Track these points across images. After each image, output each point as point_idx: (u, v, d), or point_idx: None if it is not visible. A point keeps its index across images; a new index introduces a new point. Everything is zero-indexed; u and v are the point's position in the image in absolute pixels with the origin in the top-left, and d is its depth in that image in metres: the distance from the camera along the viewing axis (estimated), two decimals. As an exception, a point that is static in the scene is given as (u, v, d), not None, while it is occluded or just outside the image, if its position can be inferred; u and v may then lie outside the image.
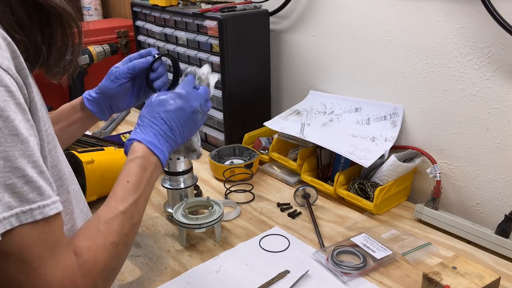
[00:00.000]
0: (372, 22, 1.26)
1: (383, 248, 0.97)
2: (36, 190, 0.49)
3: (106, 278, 0.56)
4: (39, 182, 0.49)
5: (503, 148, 1.07)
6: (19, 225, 0.47)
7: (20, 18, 0.55)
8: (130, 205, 0.63)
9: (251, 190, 1.24)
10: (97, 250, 0.56)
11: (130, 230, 0.62)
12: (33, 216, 0.48)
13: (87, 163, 1.12)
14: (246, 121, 1.49)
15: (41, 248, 0.49)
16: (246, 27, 1.39)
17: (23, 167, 0.48)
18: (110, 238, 0.58)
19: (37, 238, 0.48)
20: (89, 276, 0.53)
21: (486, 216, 1.14)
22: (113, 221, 0.60)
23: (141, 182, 0.67)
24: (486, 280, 0.81)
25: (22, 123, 0.48)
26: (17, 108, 0.48)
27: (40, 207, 0.49)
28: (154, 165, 0.71)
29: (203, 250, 1.02)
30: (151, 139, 0.72)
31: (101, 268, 0.55)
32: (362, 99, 1.34)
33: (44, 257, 0.49)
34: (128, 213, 0.62)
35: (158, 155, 0.71)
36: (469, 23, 1.05)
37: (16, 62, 0.50)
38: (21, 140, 0.48)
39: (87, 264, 0.54)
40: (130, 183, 0.65)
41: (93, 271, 0.54)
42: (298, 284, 0.89)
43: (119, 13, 2.49)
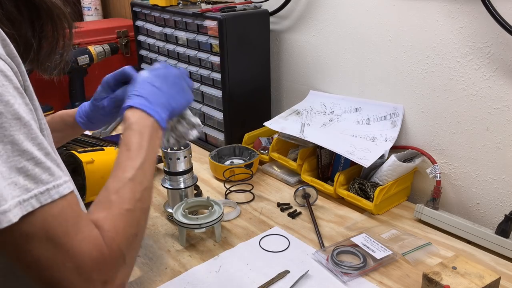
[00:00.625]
0: (372, 22, 1.26)
1: (383, 248, 0.97)
2: (47, 171, 0.49)
3: (130, 244, 0.57)
4: (47, 163, 0.49)
5: (503, 148, 1.07)
6: (40, 206, 0.47)
7: (9, 11, 0.55)
8: (136, 171, 0.62)
9: (251, 190, 1.24)
10: (114, 219, 0.56)
11: (142, 195, 0.61)
12: (51, 196, 0.49)
13: (87, 163, 1.12)
14: (246, 121, 1.49)
15: (64, 224, 0.49)
16: (246, 27, 1.39)
17: (30, 150, 0.48)
18: (124, 205, 0.58)
19: (59, 216, 0.49)
20: (113, 245, 0.54)
21: (486, 216, 1.14)
22: (122, 189, 0.59)
23: (142, 147, 0.65)
24: (486, 280, 0.81)
25: (22, 107, 0.49)
26: (15, 92, 0.49)
27: (55, 187, 0.49)
28: (150, 127, 0.68)
29: (203, 250, 1.02)
30: (141, 101, 0.70)
31: (123, 235, 0.56)
32: (362, 99, 1.34)
33: (69, 232, 0.49)
34: (136, 179, 0.61)
35: (153, 114, 0.69)
36: (469, 23, 1.05)
37: (7, 50, 0.51)
38: (23, 123, 0.48)
39: (109, 233, 0.54)
40: (130, 151, 0.64)
41: (116, 239, 0.54)
42: (298, 284, 0.89)
43: (119, 13, 2.49)
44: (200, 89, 1.50)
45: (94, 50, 1.78)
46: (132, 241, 0.57)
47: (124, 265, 0.55)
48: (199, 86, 1.50)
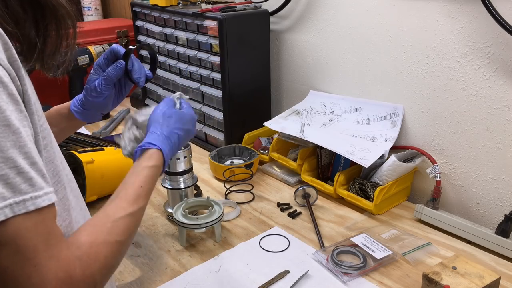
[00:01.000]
0: (372, 22, 1.26)
1: (383, 248, 0.97)
2: (27, 181, 0.49)
3: (104, 273, 0.56)
4: (30, 173, 0.49)
5: (503, 148, 1.07)
6: (12, 216, 0.47)
7: (14, 10, 0.55)
8: (139, 209, 0.64)
9: (251, 190, 1.24)
10: (100, 246, 0.56)
11: (133, 232, 0.63)
12: (26, 207, 0.48)
13: (87, 163, 1.12)
14: (246, 121, 1.49)
15: (35, 239, 0.49)
16: (246, 27, 1.39)
17: (14, 158, 0.48)
18: (115, 236, 0.58)
19: (31, 229, 0.48)
20: (87, 270, 0.53)
21: (486, 216, 1.14)
22: (121, 221, 0.60)
23: (151, 190, 0.69)
24: (486, 280, 0.81)
25: (14, 114, 0.48)
26: (9, 99, 0.48)
27: (32, 198, 0.49)
28: (159, 175, 0.74)
29: (203, 250, 1.02)
30: (168, 152, 0.76)
31: (102, 263, 0.55)
32: (362, 99, 1.34)
33: (38, 248, 0.49)
34: (135, 216, 0.63)
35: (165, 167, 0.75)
36: (469, 23, 1.05)
37: (8, 54, 0.50)
38: (12, 130, 0.48)
39: (88, 259, 0.54)
40: (143, 189, 0.67)
41: (93, 265, 0.54)
42: (298, 284, 0.89)
43: (119, 13, 2.49)
44: (200, 89, 1.50)
45: (94, 50, 1.78)
46: (107, 272, 0.57)
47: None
48: (199, 86, 1.50)
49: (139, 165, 0.71)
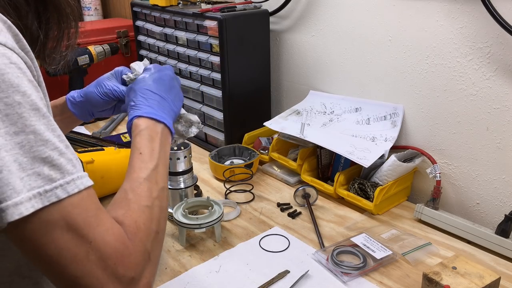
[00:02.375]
0: (372, 22, 1.26)
1: (383, 248, 0.97)
2: (70, 162, 0.48)
3: (152, 240, 0.56)
4: (69, 154, 0.49)
5: (503, 148, 1.07)
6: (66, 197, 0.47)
7: (17, 2, 0.55)
8: (151, 172, 0.63)
9: (251, 190, 1.24)
10: (134, 215, 0.56)
11: (159, 194, 0.62)
12: (77, 186, 0.48)
13: (87, 163, 1.12)
14: (246, 121, 1.49)
15: (86, 215, 0.48)
16: (246, 27, 1.39)
17: (53, 140, 0.47)
18: (142, 202, 0.58)
19: (82, 207, 0.48)
20: (136, 239, 0.53)
21: (486, 216, 1.14)
22: (139, 187, 0.60)
23: (154, 151, 0.67)
24: (486, 280, 0.81)
25: (38, 99, 0.48)
26: (30, 85, 0.48)
27: (80, 177, 0.49)
28: (160, 132, 0.70)
29: (203, 250, 1.02)
30: (148, 110, 0.72)
31: (144, 230, 0.55)
32: (362, 99, 1.34)
33: (91, 223, 0.48)
34: (151, 179, 0.62)
35: (162, 121, 0.71)
36: (469, 23, 1.05)
37: (21, 45, 0.50)
38: (42, 114, 0.47)
39: (131, 228, 0.53)
40: (143, 154, 0.65)
41: (138, 233, 0.54)
42: (298, 284, 0.89)
43: (119, 13, 2.49)
44: (200, 89, 1.50)
45: (94, 50, 1.78)
46: (154, 238, 0.57)
47: (150, 262, 0.54)
48: (199, 86, 1.50)
49: (132, 138, 0.70)
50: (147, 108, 0.72)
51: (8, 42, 0.47)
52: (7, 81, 0.45)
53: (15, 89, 0.45)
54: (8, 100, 0.44)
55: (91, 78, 1.81)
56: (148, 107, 0.72)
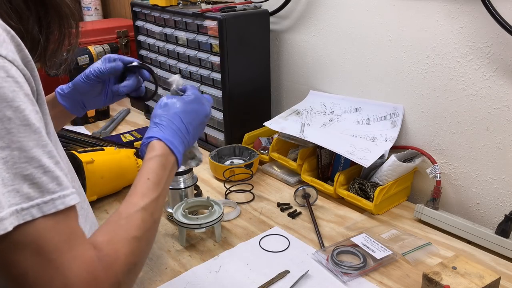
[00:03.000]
0: (372, 22, 1.26)
1: (383, 248, 0.97)
2: (55, 180, 0.48)
3: (128, 272, 0.55)
4: (56, 172, 0.48)
5: (503, 148, 1.07)
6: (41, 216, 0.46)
7: (18, 6, 0.55)
8: (151, 201, 0.62)
9: (251, 190, 1.24)
10: (117, 244, 0.55)
11: (151, 227, 0.62)
12: (55, 206, 0.47)
13: (87, 163, 1.12)
14: (246, 121, 1.49)
15: (58, 239, 0.47)
16: (246, 27, 1.39)
17: (39, 157, 0.47)
18: (131, 232, 0.57)
19: (55, 229, 0.47)
20: (110, 270, 0.52)
21: (486, 216, 1.14)
22: (134, 216, 0.59)
23: (161, 180, 0.67)
24: (486, 280, 0.81)
25: (32, 114, 0.48)
26: (26, 99, 0.48)
27: (61, 197, 0.48)
28: (172, 164, 0.71)
29: (203, 250, 1.02)
30: (170, 138, 0.72)
31: (123, 262, 0.54)
32: (362, 99, 1.34)
33: (61, 249, 0.47)
34: (149, 209, 0.61)
35: (176, 154, 0.72)
36: (469, 23, 1.05)
37: (22, 55, 0.50)
38: (33, 130, 0.47)
39: (108, 258, 0.52)
40: (150, 180, 0.65)
41: (115, 264, 0.53)
42: (298, 284, 0.89)
43: (119, 13, 2.49)
44: (200, 89, 1.50)
45: (94, 50, 1.78)
46: (130, 270, 0.55)
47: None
48: (199, 86, 1.50)
49: (144, 159, 0.70)
50: (169, 135, 0.72)
51: (9, 55, 0.47)
52: (1, 96, 0.45)
53: (7, 104, 0.45)
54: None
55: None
56: (170, 134, 0.72)
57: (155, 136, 0.72)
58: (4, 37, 0.48)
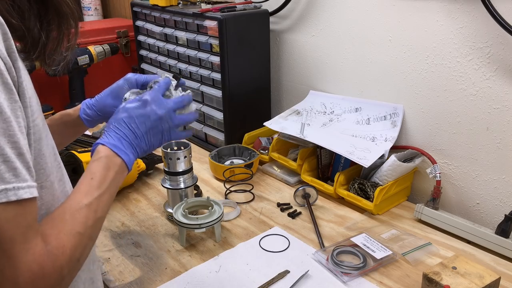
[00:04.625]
0: (372, 22, 1.26)
1: (383, 248, 0.97)
2: (12, 171, 0.49)
3: (71, 267, 0.57)
4: (15, 163, 0.49)
5: (503, 148, 1.07)
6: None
7: (20, 4, 0.56)
8: (94, 199, 0.63)
9: (251, 190, 1.24)
10: (64, 237, 0.56)
11: (94, 224, 0.63)
12: (7, 196, 0.48)
13: (87, 163, 1.12)
14: (246, 121, 1.49)
15: (13, 230, 0.49)
16: (246, 27, 1.39)
17: (2, 146, 0.48)
18: (75, 228, 0.58)
19: (10, 220, 0.48)
20: (56, 263, 0.53)
21: (486, 216, 1.14)
22: (78, 212, 0.60)
23: (105, 180, 0.67)
24: (486, 280, 0.81)
25: (6, 102, 0.49)
26: (2, 87, 0.49)
27: (15, 188, 0.49)
28: (118, 165, 0.71)
29: (203, 250, 1.02)
30: (114, 142, 0.73)
31: (68, 255, 0.55)
32: (362, 99, 1.34)
33: (15, 240, 0.49)
34: (92, 206, 0.62)
35: (122, 156, 0.72)
36: (469, 23, 1.05)
37: (7, 44, 0.51)
38: (3, 118, 0.48)
39: (55, 251, 0.54)
40: (94, 180, 0.66)
41: (61, 257, 0.54)
42: (298, 284, 0.89)
43: (119, 13, 2.49)
44: (200, 89, 1.50)
45: (94, 50, 1.78)
46: (74, 265, 0.57)
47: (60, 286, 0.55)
48: (199, 86, 1.50)
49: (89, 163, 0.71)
50: (113, 140, 0.73)
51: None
52: None
53: None
54: None
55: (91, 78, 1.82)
56: (115, 139, 0.73)
57: (99, 142, 0.73)
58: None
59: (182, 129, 0.85)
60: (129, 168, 0.74)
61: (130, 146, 0.74)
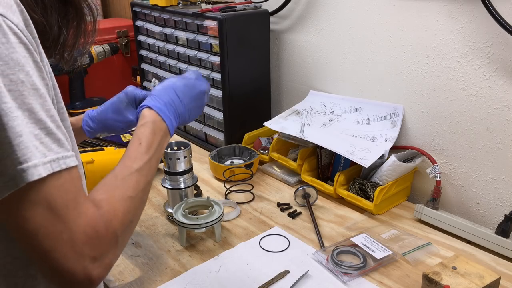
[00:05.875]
0: (372, 22, 1.26)
1: (383, 248, 0.97)
2: (56, 142, 0.51)
3: (125, 229, 0.59)
4: (58, 135, 0.52)
5: (503, 148, 1.07)
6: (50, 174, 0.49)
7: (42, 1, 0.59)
8: (144, 164, 0.66)
9: (251, 190, 1.24)
10: (116, 203, 0.59)
11: (145, 187, 0.65)
12: (59, 165, 0.51)
13: (87, 163, 1.12)
14: (246, 121, 1.49)
15: (65, 196, 0.51)
16: (246, 27, 1.39)
17: (44, 120, 0.50)
18: (127, 192, 0.61)
19: (62, 187, 0.51)
20: (110, 226, 0.56)
21: (486, 216, 1.14)
22: (129, 177, 0.63)
23: (152, 144, 0.70)
24: (486, 280, 0.81)
25: (38, 80, 0.51)
26: (34, 65, 0.51)
27: (64, 157, 0.52)
28: (163, 131, 0.74)
29: (203, 250, 1.02)
30: (160, 106, 0.76)
31: (120, 219, 0.58)
32: (362, 99, 1.34)
33: (68, 205, 0.51)
34: (142, 171, 0.65)
35: (166, 121, 0.75)
36: (469, 23, 1.05)
37: (29, 29, 0.53)
38: (39, 94, 0.51)
39: (108, 215, 0.56)
40: (142, 145, 0.69)
41: (114, 221, 0.57)
42: (298, 284, 0.89)
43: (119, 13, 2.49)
44: (200, 89, 1.50)
45: (94, 50, 1.78)
46: (127, 227, 0.60)
47: (116, 247, 0.57)
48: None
49: (136, 127, 0.74)
50: (160, 104, 0.76)
51: (19, 24, 0.51)
52: (15, 60, 0.49)
53: (20, 68, 0.49)
54: (14, 77, 0.48)
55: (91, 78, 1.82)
56: (161, 103, 0.76)
57: (146, 105, 0.76)
58: (15, 8, 0.51)
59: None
60: (171, 134, 0.77)
61: (174, 112, 0.78)
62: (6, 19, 0.49)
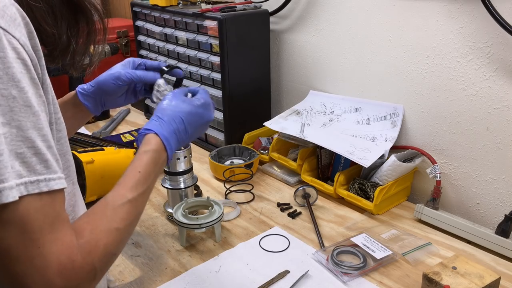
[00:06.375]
0: (372, 22, 1.26)
1: (383, 248, 0.97)
2: (43, 163, 0.50)
3: (105, 261, 0.57)
4: (47, 155, 0.50)
5: (503, 148, 1.07)
6: (26, 195, 0.48)
7: (55, 11, 0.58)
8: (138, 195, 0.64)
9: (251, 190, 1.24)
10: (100, 234, 0.56)
11: (134, 219, 0.63)
12: (39, 187, 0.49)
13: (87, 163, 1.12)
14: (246, 121, 1.49)
15: (42, 220, 0.49)
16: (246, 27, 1.39)
17: (33, 138, 0.49)
18: (114, 223, 0.59)
19: (40, 210, 0.49)
20: (88, 257, 0.53)
21: (486, 216, 1.14)
22: (120, 208, 0.61)
23: (151, 175, 0.68)
24: (486, 280, 0.81)
25: (34, 97, 0.50)
26: (30, 82, 0.50)
27: (46, 180, 0.50)
28: (163, 160, 0.73)
29: (203, 250, 1.02)
30: (167, 135, 0.74)
31: (102, 251, 0.56)
32: (362, 99, 1.34)
33: (44, 229, 0.49)
34: (135, 202, 0.63)
35: (168, 152, 0.73)
36: (469, 23, 1.05)
37: (33, 42, 0.52)
38: (32, 112, 0.50)
39: (88, 245, 0.54)
40: (141, 174, 0.67)
41: (93, 252, 0.54)
42: (298, 284, 0.89)
43: (119, 13, 2.49)
44: (200, 89, 1.50)
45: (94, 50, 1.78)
46: (108, 259, 0.58)
47: (93, 280, 0.55)
48: (199, 86, 1.50)
49: (138, 151, 0.71)
50: (167, 133, 0.74)
51: (21, 38, 0.50)
52: (10, 75, 0.48)
53: (14, 84, 0.48)
54: (5, 92, 0.47)
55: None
56: (168, 132, 0.74)
57: (153, 130, 0.73)
58: (20, 21, 0.51)
59: None
60: (168, 164, 0.76)
61: (177, 142, 0.76)
62: (7, 33, 0.48)
